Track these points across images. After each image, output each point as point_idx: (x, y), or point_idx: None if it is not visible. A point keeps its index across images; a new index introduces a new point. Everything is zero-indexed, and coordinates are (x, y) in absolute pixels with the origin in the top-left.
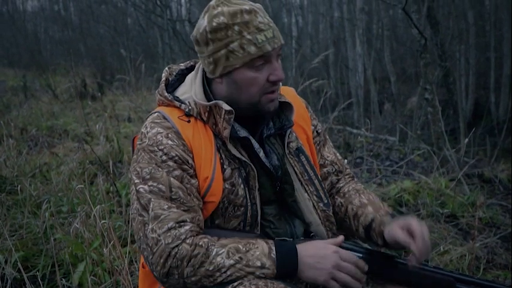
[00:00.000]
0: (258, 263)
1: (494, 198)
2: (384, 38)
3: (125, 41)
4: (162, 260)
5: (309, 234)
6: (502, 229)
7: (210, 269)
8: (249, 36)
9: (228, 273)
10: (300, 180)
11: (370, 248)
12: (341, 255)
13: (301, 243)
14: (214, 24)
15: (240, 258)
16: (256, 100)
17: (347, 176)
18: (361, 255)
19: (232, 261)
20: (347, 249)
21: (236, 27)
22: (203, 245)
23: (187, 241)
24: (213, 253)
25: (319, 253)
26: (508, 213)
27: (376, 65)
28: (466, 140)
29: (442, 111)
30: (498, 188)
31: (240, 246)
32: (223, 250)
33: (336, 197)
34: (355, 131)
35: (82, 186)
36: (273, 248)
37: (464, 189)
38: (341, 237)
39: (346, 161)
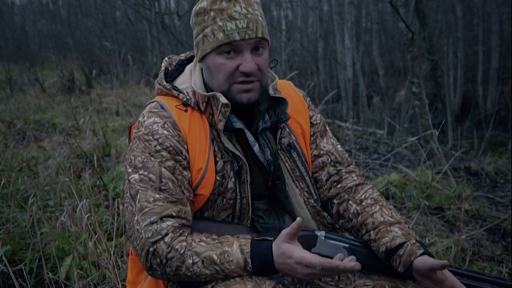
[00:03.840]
0: (235, 275)
1: (480, 191)
2: (372, 32)
3: (114, 34)
4: (143, 253)
5: None
6: (488, 221)
7: (189, 274)
8: (220, 23)
9: (208, 279)
10: (291, 176)
11: (354, 239)
12: (305, 263)
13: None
14: (197, 8)
15: (216, 270)
16: (225, 88)
17: (354, 175)
18: (347, 245)
19: (208, 272)
20: (332, 239)
21: (212, 13)
22: (179, 249)
23: (166, 239)
24: (190, 261)
25: (287, 264)
26: (494, 205)
27: (365, 58)
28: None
29: (430, 105)
30: (485, 180)
31: (215, 257)
32: (198, 259)
33: (350, 202)
34: (343, 124)
35: (68, 180)
36: (249, 261)
37: (451, 182)
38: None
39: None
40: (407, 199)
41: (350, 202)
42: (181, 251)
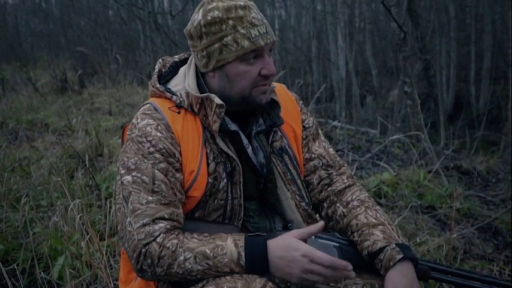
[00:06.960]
0: (227, 270)
1: (472, 190)
2: (365, 31)
3: (106, 34)
4: (135, 255)
5: (287, 227)
6: (480, 220)
7: (180, 272)
8: (242, 31)
9: (199, 276)
10: (282, 179)
11: (345, 238)
12: (312, 257)
13: (276, 235)
14: (208, 18)
15: (208, 265)
16: (247, 93)
17: (344, 177)
18: (337, 244)
19: (200, 267)
20: (323, 239)
21: (230, 22)
22: (170, 247)
23: (158, 240)
24: (181, 257)
25: (288, 256)
26: (485, 204)
27: (358, 58)
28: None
29: (422, 104)
30: (476, 179)
31: (208, 252)
32: (191, 255)
33: (338, 204)
34: (336, 123)
35: (60, 180)
36: (242, 254)
37: (443, 181)
38: (314, 227)
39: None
40: (399, 198)
41: (337, 204)
42: (173, 249)
